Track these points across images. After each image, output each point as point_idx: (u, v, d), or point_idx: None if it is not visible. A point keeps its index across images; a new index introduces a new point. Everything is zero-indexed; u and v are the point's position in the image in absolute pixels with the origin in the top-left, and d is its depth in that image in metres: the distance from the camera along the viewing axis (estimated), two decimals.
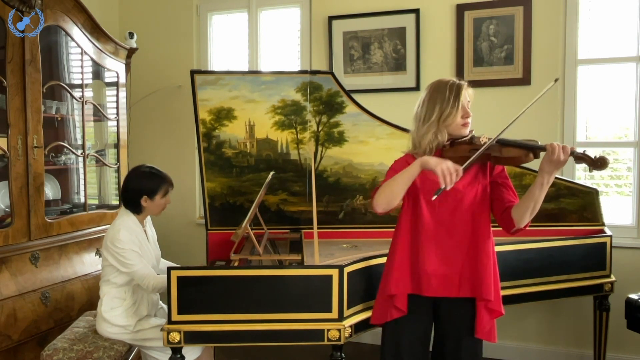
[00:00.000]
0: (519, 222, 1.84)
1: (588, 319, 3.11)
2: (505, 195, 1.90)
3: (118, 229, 2.33)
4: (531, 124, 3.23)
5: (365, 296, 2.23)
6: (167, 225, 3.98)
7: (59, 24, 2.89)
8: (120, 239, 2.29)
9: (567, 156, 1.69)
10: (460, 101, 1.85)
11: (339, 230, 2.97)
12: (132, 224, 2.40)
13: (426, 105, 1.90)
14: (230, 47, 3.97)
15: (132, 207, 2.43)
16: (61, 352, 2.28)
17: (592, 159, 1.69)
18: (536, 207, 1.79)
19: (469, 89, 1.90)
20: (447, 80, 1.90)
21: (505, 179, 1.95)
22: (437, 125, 1.87)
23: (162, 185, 2.43)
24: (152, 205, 2.43)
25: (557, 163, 1.70)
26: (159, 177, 2.44)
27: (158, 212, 2.48)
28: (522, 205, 1.81)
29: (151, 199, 2.41)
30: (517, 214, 1.83)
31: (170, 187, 2.47)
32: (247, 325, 2.06)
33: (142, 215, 2.46)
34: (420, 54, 3.44)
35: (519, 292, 2.56)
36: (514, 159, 1.82)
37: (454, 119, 1.85)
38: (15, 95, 2.62)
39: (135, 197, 2.40)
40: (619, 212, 3.22)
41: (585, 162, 1.70)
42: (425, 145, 1.89)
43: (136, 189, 2.40)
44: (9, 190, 2.64)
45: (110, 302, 2.37)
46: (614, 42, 3.21)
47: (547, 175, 1.73)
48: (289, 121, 2.84)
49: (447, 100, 1.85)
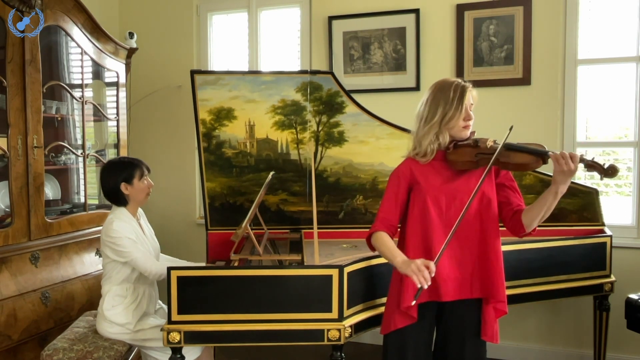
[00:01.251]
0: (528, 227, 1.84)
1: (588, 319, 3.11)
2: (513, 199, 1.90)
3: (111, 221, 2.36)
4: (531, 124, 3.24)
5: (365, 296, 2.23)
6: (167, 225, 3.98)
7: (59, 24, 2.89)
8: (114, 229, 2.31)
9: (576, 164, 1.67)
10: (464, 104, 1.83)
11: (339, 230, 2.97)
12: (125, 216, 2.42)
13: (429, 105, 1.88)
14: (230, 47, 3.97)
15: (117, 200, 2.44)
16: (61, 352, 2.28)
17: (602, 167, 1.67)
18: (547, 213, 1.79)
19: (473, 90, 1.88)
20: (452, 81, 1.87)
21: (511, 182, 1.94)
22: (439, 127, 1.85)
23: (136, 169, 2.45)
24: (133, 190, 2.43)
25: (568, 173, 1.68)
26: (129, 163, 2.47)
27: (143, 197, 2.48)
28: (533, 211, 1.80)
29: (130, 184, 2.42)
30: (528, 219, 1.82)
31: (145, 168, 2.49)
32: (247, 325, 2.06)
33: (131, 206, 2.47)
34: (420, 54, 3.44)
35: (519, 292, 2.56)
36: (524, 165, 1.80)
37: (456, 122, 1.84)
38: (15, 95, 2.62)
39: (115, 188, 2.42)
40: (619, 212, 3.22)
41: (596, 170, 1.68)
42: (425, 146, 1.88)
43: (112, 180, 2.42)
44: (9, 190, 2.64)
45: (112, 300, 2.37)
46: (614, 42, 3.21)
47: (561, 185, 1.72)
48: (289, 121, 2.84)
49: (450, 102, 1.83)
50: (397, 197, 1.92)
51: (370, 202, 2.93)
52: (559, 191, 1.73)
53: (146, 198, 2.50)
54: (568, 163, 1.66)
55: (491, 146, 1.82)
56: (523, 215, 1.84)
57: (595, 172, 1.69)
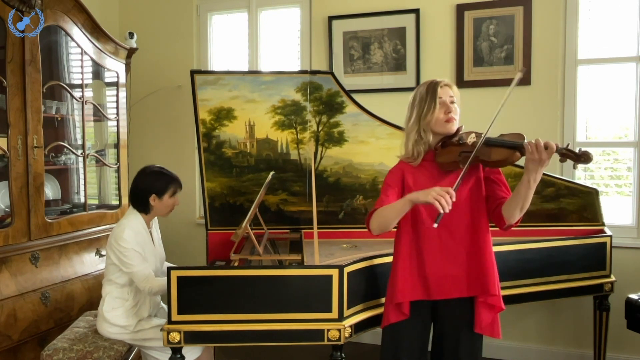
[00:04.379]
0: (509, 220, 1.84)
1: (588, 319, 3.11)
2: (498, 192, 1.91)
3: (123, 227, 2.34)
4: (531, 124, 3.24)
5: (365, 296, 2.23)
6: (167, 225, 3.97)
7: (59, 24, 2.88)
8: (124, 238, 2.30)
9: (549, 154, 1.66)
10: (437, 97, 1.87)
11: (339, 230, 2.97)
12: (139, 225, 2.40)
13: (409, 108, 1.96)
14: (230, 47, 3.97)
15: (141, 207, 2.44)
16: (61, 352, 2.29)
17: (575, 154, 1.66)
18: (525, 204, 1.78)
19: (452, 86, 1.93)
20: (427, 82, 1.95)
21: (497, 174, 1.95)
22: (419, 124, 1.91)
23: (171, 185, 2.45)
24: (160, 205, 2.44)
25: (539, 162, 1.68)
26: (168, 177, 2.46)
27: (166, 213, 2.49)
28: (511, 203, 1.81)
29: (160, 198, 2.42)
30: (507, 211, 1.83)
31: (178, 187, 2.49)
32: (247, 325, 2.06)
33: (149, 216, 2.47)
34: (420, 54, 3.44)
35: (519, 292, 2.56)
36: (502, 162, 1.80)
37: (432, 116, 1.88)
38: (15, 95, 2.62)
39: (145, 196, 2.41)
40: (619, 212, 3.22)
41: (569, 157, 1.67)
42: (411, 147, 1.92)
43: (146, 188, 2.41)
44: (9, 190, 2.64)
45: (112, 302, 2.37)
46: (614, 42, 3.21)
47: (532, 173, 1.71)
48: (289, 121, 2.84)
49: (424, 98, 1.90)
50: (393, 187, 1.94)
51: (370, 202, 2.93)
52: (531, 179, 1.72)
53: (168, 214, 2.50)
54: (540, 152, 1.66)
55: (472, 142, 1.84)
56: (503, 208, 1.85)
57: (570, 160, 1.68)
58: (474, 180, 1.91)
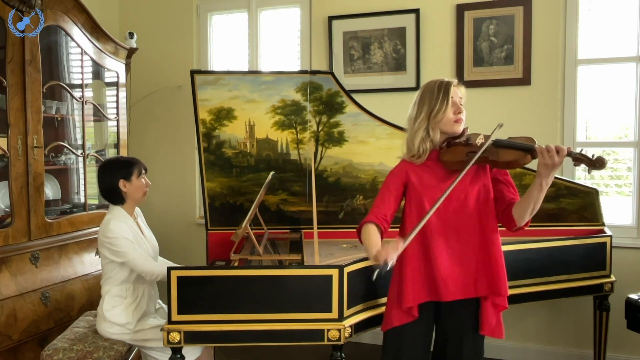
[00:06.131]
0: (519, 222, 1.84)
1: (588, 319, 3.11)
2: (506, 193, 1.91)
3: (108, 221, 2.37)
4: (531, 125, 3.24)
5: (365, 296, 2.23)
6: (167, 225, 3.98)
7: (59, 24, 2.88)
8: (110, 229, 2.32)
9: (561, 158, 1.68)
10: (450, 97, 1.86)
11: (339, 230, 2.97)
12: (122, 215, 2.42)
13: (417, 105, 1.94)
14: (230, 47, 3.97)
15: (116, 198, 2.45)
16: (61, 352, 2.28)
17: (590, 159, 1.67)
18: (536, 207, 1.79)
19: (461, 87, 1.92)
20: (437, 80, 1.93)
21: (505, 176, 1.95)
22: (427, 122, 1.89)
23: (134, 166, 2.46)
24: (131, 188, 2.44)
25: (552, 166, 1.69)
26: (127, 161, 2.49)
27: (141, 196, 2.49)
28: (521, 205, 1.82)
29: (128, 181, 2.43)
30: (517, 213, 1.83)
31: (142, 167, 2.50)
32: (247, 325, 2.06)
33: (128, 204, 2.47)
34: (420, 54, 3.44)
35: (519, 292, 2.56)
36: (512, 163, 1.81)
37: (443, 115, 1.86)
38: (15, 95, 2.62)
39: (114, 186, 2.42)
40: (619, 212, 3.22)
41: (583, 162, 1.68)
42: (417, 145, 1.90)
43: (112, 179, 2.42)
44: (9, 190, 2.64)
45: (112, 301, 2.37)
46: (614, 42, 3.21)
47: (544, 178, 1.73)
48: (289, 121, 2.84)
49: (435, 97, 1.88)
50: (392, 192, 1.94)
51: (370, 202, 2.93)
52: (544, 184, 1.74)
53: (143, 197, 2.50)
54: (552, 157, 1.67)
55: (481, 143, 1.84)
56: (514, 209, 1.85)
57: (584, 165, 1.69)
58: (481, 181, 1.90)
